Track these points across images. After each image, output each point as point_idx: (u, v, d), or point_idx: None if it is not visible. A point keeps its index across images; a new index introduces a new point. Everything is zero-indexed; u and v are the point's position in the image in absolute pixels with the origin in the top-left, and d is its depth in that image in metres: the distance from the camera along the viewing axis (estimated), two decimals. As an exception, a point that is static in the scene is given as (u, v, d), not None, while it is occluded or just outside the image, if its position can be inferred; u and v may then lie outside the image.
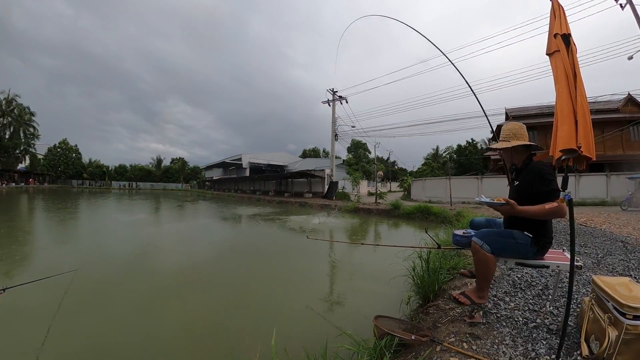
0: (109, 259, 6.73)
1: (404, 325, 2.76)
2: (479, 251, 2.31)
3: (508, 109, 28.82)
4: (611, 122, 22.09)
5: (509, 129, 2.51)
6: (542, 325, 2.43)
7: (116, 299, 4.51)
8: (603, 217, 10.47)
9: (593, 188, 17.56)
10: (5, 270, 5.74)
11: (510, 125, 2.52)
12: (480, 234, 2.37)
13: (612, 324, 1.81)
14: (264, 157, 48.87)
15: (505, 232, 2.41)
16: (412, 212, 14.61)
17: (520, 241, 2.35)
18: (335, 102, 28.14)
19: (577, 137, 1.68)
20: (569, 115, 1.72)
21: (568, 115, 1.73)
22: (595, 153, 1.76)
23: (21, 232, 10.24)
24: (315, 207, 21.71)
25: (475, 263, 2.40)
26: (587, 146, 1.69)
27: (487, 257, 2.30)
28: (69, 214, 16.06)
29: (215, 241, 9.57)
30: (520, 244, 2.34)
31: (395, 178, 62.96)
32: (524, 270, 3.87)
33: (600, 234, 6.81)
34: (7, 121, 51.15)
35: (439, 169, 45.47)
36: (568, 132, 1.69)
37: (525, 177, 2.38)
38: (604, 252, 4.97)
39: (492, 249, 2.31)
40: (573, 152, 1.68)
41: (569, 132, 1.69)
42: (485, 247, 2.30)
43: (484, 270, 2.36)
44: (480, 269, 2.38)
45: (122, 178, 75.63)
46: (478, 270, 2.42)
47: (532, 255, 2.40)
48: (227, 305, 4.39)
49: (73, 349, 3.12)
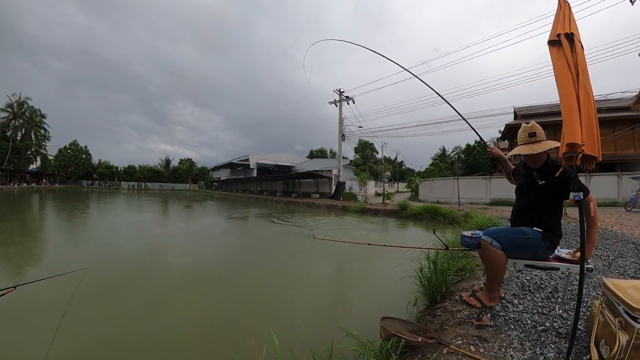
0: (118, 258, 6.81)
1: (411, 326, 2.75)
2: (489, 248, 2.28)
3: (517, 107, 28.49)
4: (622, 120, 21.61)
5: (539, 129, 2.36)
6: (551, 328, 2.40)
7: (125, 297, 4.56)
8: (614, 218, 10.30)
9: (604, 188, 17.25)
10: (16, 268, 5.86)
11: (536, 125, 2.38)
12: (490, 232, 2.35)
13: (622, 329, 1.77)
14: (271, 158, 49.02)
15: (515, 228, 2.39)
16: (419, 213, 14.53)
17: (530, 236, 2.32)
18: (342, 102, 28.12)
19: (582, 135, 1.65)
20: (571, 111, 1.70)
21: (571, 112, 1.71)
22: (607, 152, 1.74)
23: (33, 230, 10.42)
24: (323, 207, 21.71)
25: (486, 262, 2.37)
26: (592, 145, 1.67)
27: (498, 254, 2.26)
28: (80, 213, 16.29)
29: (221, 241, 9.62)
30: (531, 239, 2.32)
31: (403, 178, 62.74)
32: (533, 272, 3.83)
33: (612, 236, 6.70)
34: (18, 123, 52.31)
35: (446, 169, 45.15)
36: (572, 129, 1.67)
37: (557, 180, 2.19)
38: (615, 254, 4.89)
39: (502, 246, 2.28)
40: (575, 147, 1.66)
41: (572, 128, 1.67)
42: (495, 243, 2.27)
43: (495, 268, 2.32)
44: (491, 267, 2.35)
45: (131, 178, 76.65)
46: (489, 269, 2.39)
47: (542, 250, 2.36)
48: (234, 305, 4.40)
49: (82, 345, 3.16)
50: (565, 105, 1.76)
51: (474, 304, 2.37)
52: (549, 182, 2.35)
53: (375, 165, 43.20)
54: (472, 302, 2.37)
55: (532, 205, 2.46)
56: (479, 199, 20.17)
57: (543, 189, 2.38)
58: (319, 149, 79.10)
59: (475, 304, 2.37)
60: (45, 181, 59.42)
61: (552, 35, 1.95)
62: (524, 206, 2.53)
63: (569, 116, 1.71)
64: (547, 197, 2.34)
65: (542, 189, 2.39)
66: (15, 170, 50.95)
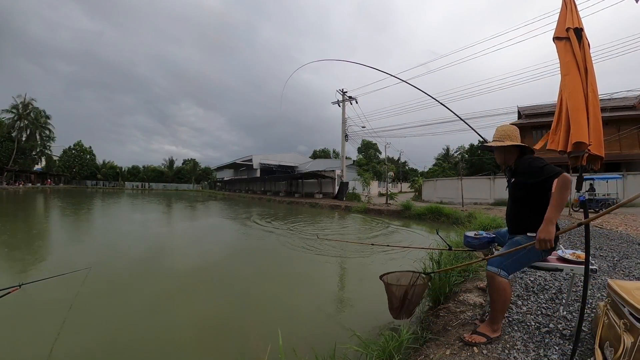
0: (122, 258, 6.85)
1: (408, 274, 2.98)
2: (496, 279, 2.21)
3: (521, 107, 28.34)
4: (627, 119, 21.42)
5: (503, 130, 2.54)
6: (555, 330, 2.39)
7: (128, 297, 4.58)
8: (619, 218, 10.23)
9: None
10: (21, 267, 5.91)
11: (505, 127, 2.56)
12: (496, 263, 2.26)
13: (627, 330, 1.76)
14: (274, 158, 49.13)
15: (513, 247, 2.28)
16: (423, 213, 14.50)
17: (529, 247, 2.29)
18: (345, 102, 28.11)
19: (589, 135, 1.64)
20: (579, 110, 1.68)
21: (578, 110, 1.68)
22: (612, 152, 1.73)
23: (38, 230, 10.49)
24: (326, 207, 21.71)
25: (492, 292, 2.26)
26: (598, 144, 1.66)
27: (505, 283, 2.20)
28: (84, 213, 16.40)
29: (225, 241, 9.64)
30: (530, 250, 2.28)
31: (406, 179, 62.60)
32: (537, 273, 3.81)
33: (617, 237, 6.65)
34: (23, 124, 52.72)
35: (450, 169, 45.03)
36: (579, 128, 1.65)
37: (519, 173, 2.39)
38: (620, 255, 4.86)
39: (509, 272, 2.24)
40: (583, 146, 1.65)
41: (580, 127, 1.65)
42: (503, 273, 2.21)
43: (502, 300, 2.24)
44: (498, 298, 2.25)
45: (135, 179, 77.09)
46: (496, 301, 2.28)
47: (543, 252, 2.33)
48: (237, 305, 4.41)
49: (85, 345, 3.18)
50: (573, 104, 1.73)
51: (479, 341, 2.27)
52: (517, 179, 2.44)
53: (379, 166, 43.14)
54: (477, 339, 2.26)
55: (515, 206, 2.50)
56: (482, 199, 20.09)
57: (517, 186, 2.46)
58: (322, 149, 79.08)
59: (480, 340, 2.27)
60: (50, 181, 59.92)
61: (559, 31, 1.92)
62: (509, 208, 2.60)
63: (576, 115, 1.68)
64: (527, 193, 2.36)
65: (516, 186, 2.47)
66: (20, 170, 51.44)
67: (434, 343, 2.42)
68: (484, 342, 2.23)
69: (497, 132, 2.58)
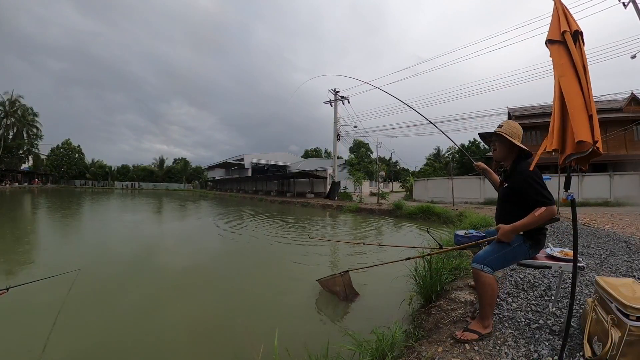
0: (112, 259, 6.74)
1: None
2: (481, 275, 2.24)
3: (511, 108, 28.76)
4: (614, 121, 22.04)
5: (515, 128, 2.48)
6: (544, 326, 2.42)
7: (120, 298, 4.51)
8: (606, 217, 10.43)
9: (596, 188, 17.47)
10: (9, 269, 5.77)
11: (516, 124, 2.51)
12: (479, 258, 2.29)
13: (615, 325, 1.80)
14: (266, 158, 48.88)
15: (498, 245, 2.34)
16: (414, 213, 14.58)
17: (515, 244, 2.32)
18: (337, 102, 28.14)
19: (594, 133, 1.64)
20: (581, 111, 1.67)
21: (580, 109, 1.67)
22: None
23: (26, 231, 10.29)
24: (317, 207, 21.71)
25: (479, 289, 2.28)
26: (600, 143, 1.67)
27: (490, 279, 2.23)
28: (73, 214, 16.13)
29: (216, 241, 9.57)
30: (516, 247, 2.32)
31: (398, 178, 62.94)
32: (527, 270, 3.86)
33: (604, 235, 6.78)
34: (10, 122, 51.48)
35: (441, 169, 45.40)
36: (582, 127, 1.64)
37: (515, 182, 2.37)
38: (607, 253, 4.95)
39: (494, 268, 2.27)
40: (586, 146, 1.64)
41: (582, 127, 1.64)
42: (487, 269, 2.23)
43: (489, 295, 2.27)
44: (485, 294, 2.28)
45: (125, 178, 76.11)
46: (483, 297, 2.30)
47: (530, 251, 2.38)
48: (230, 305, 4.39)
49: (76, 348, 3.12)
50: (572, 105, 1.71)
51: (470, 338, 2.29)
52: (511, 186, 2.43)
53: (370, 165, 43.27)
54: (468, 336, 2.27)
55: (504, 207, 2.52)
56: (473, 198, 20.28)
57: (508, 192, 2.46)
58: (314, 149, 78.94)
59: (472, 337, 2.29)
60: (38, 181, 58.79)
61: (552, 35, 1.93)
62: (498, 209, 2.63)
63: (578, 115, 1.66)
64: (516, 201, 2.36)
65: (508, 191, 2.47)
66: (6, 169, 50.31)
67: (427, 341, 2.44)
68: (475, 339, 2.26)
69: (508, 127, 2.48)
